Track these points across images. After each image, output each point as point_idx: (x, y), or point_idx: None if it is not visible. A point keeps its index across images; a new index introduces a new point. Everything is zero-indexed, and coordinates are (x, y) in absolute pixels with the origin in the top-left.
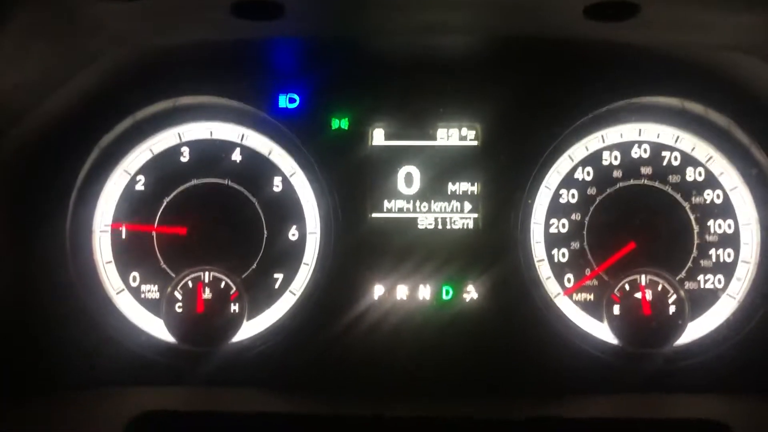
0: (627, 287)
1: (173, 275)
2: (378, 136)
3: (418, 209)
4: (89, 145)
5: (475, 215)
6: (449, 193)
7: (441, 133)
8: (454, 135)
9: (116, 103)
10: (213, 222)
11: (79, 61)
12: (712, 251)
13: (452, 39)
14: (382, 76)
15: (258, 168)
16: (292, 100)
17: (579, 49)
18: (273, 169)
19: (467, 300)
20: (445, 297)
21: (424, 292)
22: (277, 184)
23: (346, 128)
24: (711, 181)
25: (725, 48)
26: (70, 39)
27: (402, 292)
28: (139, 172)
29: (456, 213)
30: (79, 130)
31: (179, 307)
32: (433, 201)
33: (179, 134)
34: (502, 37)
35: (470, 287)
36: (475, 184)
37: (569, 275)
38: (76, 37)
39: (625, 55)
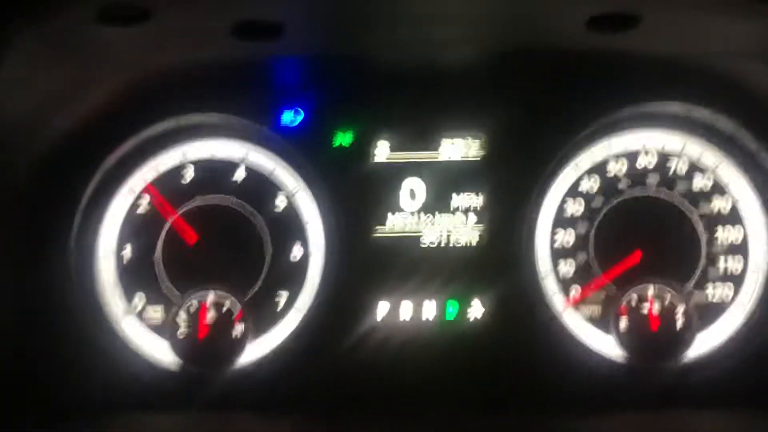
0: (634, 300)
1: (178, 295)
2: (382, 151)
3: (422, 225)
4: (93, 166)
5: (480, 229)
6: (453, 207)
7: (445, 145)
8: (458, 147)
9: (119, 123)
10: (217, 241)
11: (82, 83)
12: (721, 261)
13: (455, 51)
14: (386, 89)
15: (262, 186)
16: (296, 115)
17: (582, 58)
18: (276, 187)
19: (472, 317)
20: (449, 314)
21: (429, 310)
22: (281, 202)
23: (350, 144)
24: (719, 189)
25: (729, 54)
26: (73, 63)
27: (407, 310)
28: (144, 191)
29: (460, 227)
30: (83, 151)
31: (184, 328)
32: (437, 216)
33: (183, 153)
34: (505, 48)
35: (475, 304)
36: (480, 197)
37: (575, 289)
38: (79, 61)
39: (629, 62)
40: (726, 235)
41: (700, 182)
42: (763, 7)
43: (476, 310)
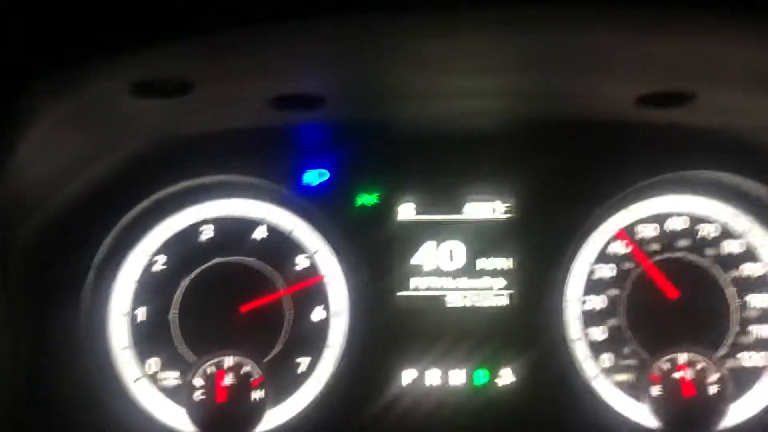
0: (666, 367)
1: (194, 359)
2: (406, 211)
3: (447, 287)
4: (108, 226)
5: (508, 293)
6: (480, 270)
7: (471, 207)
8: (485, 209)
9: (137, 183)
10: (235, 303)
11: (105, 148)
12: (754, 327)
13: (489, 119)
14: (412, 149)
15: (282, 246)
16: (320, 175)
17: (619, 128)
18: (297, 247)
19: (502, 384)
20: (478, 381)
21: (457, 377)
22: (302, 263)
23: (373, 204)
24: (750, 254)
25: None
26: (99, 131)
27: (433, 376)
28: (159, 251)
29: (487, 291)
30: (99, 211)
31: (201, 395)
32: (463, 278)
33: (200, 212)
34: (542, 118)
35: (505, 370)
36: (508, 260)
37: (607, 355)
38: (105, 128)
39: (664, 132)
40: (758, 300)
41: (730, 247)
42: None
43: (506, 377)
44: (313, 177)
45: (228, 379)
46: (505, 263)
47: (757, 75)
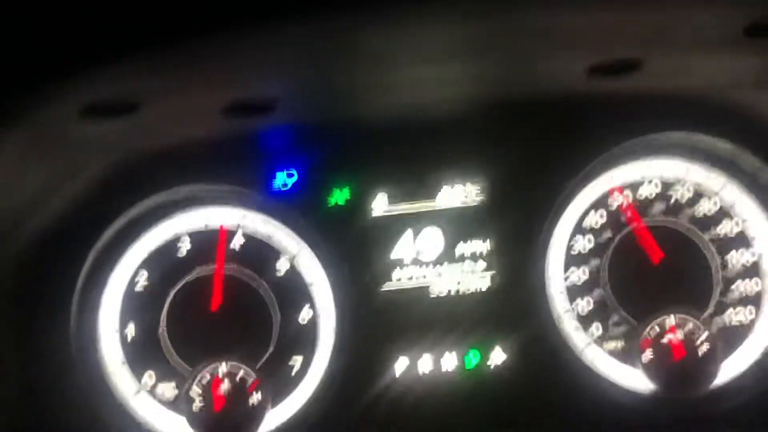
0: (655, 331)
1: (188, 371)
2: (380, 205)
3: (429, 276)
4: (86, 249)
5: (490, 275)
6: (459, 255)
7: (443, 194)
8: (458, 195)
9: (108, 203)
10: (222, 311)
11: (68, 172)
12: (737, 284)
13: (449, 106)
14: (379, 142)
15: (261, 252)
16: (289, 177)
17: (581, 99)
18: (276, 252)
19: (494, 365)
20: (470, 364)
21: (449, 362)
22: (283, 266)
23: (347, 201)
24: (725, 213)
25: (726, 86)
26: (56, 156)
27: (426, 363)
28: (140, 269)
29: (469, 275)
30: (74, 235)
31: (199, 405)
32: (444, 266)
33: (175, 225)
34: (502, 100)
35: (496, 351)
36: (486, 242)
37: (595, 325)
38: (62, 153)
39: (627, 99)
40: (738, 257)
41: (705, 207)
42: (757, 46)
43: (497, 357)
44: (283, 179)
45: (224, 386)
46: (484, 246)
47: (704, 38)
